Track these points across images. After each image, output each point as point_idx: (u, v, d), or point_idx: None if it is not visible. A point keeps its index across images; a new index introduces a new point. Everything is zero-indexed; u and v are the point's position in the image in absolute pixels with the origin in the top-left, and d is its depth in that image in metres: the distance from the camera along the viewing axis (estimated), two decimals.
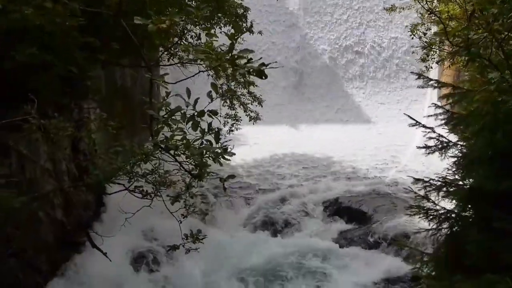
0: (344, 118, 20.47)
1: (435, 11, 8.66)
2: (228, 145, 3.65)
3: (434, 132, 5.33)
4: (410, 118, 5.52)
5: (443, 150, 5.31)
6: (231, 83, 12.20)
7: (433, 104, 5.59)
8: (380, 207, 11.00)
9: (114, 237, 5.75)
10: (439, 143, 5.30)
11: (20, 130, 4.41)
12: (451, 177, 5.28)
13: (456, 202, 5.29)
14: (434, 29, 12.63)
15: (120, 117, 9.99)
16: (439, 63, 13.05)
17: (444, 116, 5.35)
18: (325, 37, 21.31)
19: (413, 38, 12.32)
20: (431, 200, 5.43)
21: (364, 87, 21.37)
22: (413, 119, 5.47)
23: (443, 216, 5.37)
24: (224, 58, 3.16)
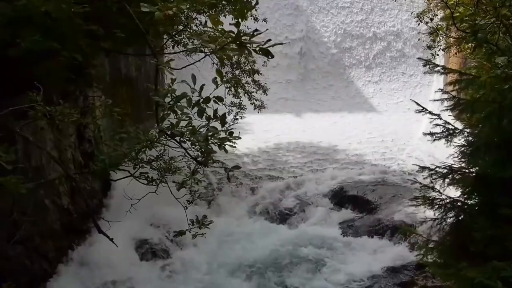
0: (349, 106, 20.37)
1: None
2: (234, 129, 3.65)
3: (440, 118, 5.30)
4: (417, 104, 5.49)
5: (449, 137, 5.29)
6: (236, 71, 12.16)
7: (439, 89, 5.56)
8: (385, 196, 10.99)
9: (120, 224, 5.78)
10: (445, 129, 5.27)
11: (26, 117, 4.41)
12: (457, 165, 5.27)
13: (462, 190, 5.29)
14: (440, 15, 12.49)
15: (125, 105, 10.02)
16: (446, 51, 12.91)
17: (451, 102, 5.32)
18: (330, 24, 21.13)
19: (419, 24, 12.21)
20: (436, 190, 5.42)
21: (369, 75, 21.22)
22: (420, 105, 5.45)
23: (449, 205, 5.37)
24: (230, 37, 3.14)
